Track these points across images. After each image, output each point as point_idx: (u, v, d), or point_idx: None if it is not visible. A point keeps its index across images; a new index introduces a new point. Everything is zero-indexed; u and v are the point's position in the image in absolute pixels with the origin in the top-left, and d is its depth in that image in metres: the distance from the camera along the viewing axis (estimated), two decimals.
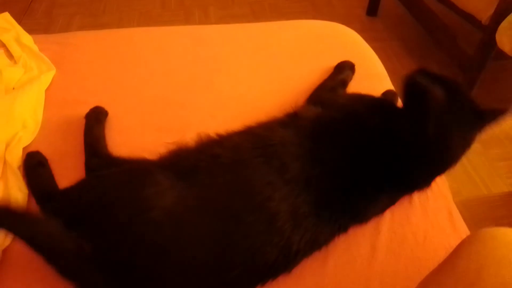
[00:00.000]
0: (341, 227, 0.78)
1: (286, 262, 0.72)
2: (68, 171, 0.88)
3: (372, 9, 2.52)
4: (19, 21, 1.25)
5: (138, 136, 0.98)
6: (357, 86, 1.09)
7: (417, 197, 0.90)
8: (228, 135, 0.85)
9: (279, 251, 0.70)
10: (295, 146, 0.78)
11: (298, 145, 0.78)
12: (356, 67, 1.15)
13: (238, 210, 0.71)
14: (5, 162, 0.87)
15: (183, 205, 0.71)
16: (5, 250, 0.77)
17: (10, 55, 1.12)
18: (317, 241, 0.75)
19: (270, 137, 0.80)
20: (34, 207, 0.82)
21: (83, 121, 0.97)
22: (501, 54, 1.58)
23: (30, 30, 1.26)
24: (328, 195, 0.76)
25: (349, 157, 0.79)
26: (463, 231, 0.86)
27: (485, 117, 0.81)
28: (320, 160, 0.77)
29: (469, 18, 1.76)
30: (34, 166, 0.88)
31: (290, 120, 0.86)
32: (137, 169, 0.80)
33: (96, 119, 0.97)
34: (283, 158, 0.76)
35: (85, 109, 0.99)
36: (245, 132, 0.85)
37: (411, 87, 0.79)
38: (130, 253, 0.68)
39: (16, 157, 0.89)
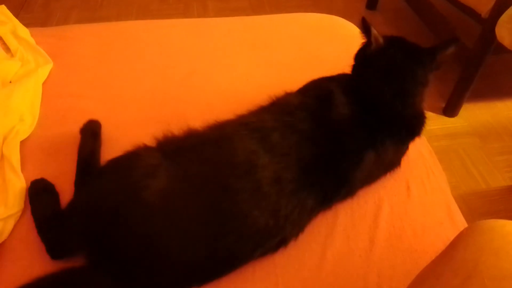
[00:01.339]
0: (328, 194, 0.80)
1: (277, 228, 0.74)
2: (64, 165, 0.88)
3: (372, 3, 2.51)
4: (16, 14, 1.24)
5: (135, 130, 0.97)
6: None
7: (416, 191, 0.90)
8: (214, 122, 0.87)
9: (268, 215, 0.72)
10: (272, 121, 0.82)
11: (274, 120, 0.82)
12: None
13: (225, 180, 0.73)
14: (2, 156, 0.87)
15: (173, 182, 0.72)
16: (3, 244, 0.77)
17: (6, 48, 1.11)
18: (304, 207, 0.77)
19: (250, 117, 0.85)
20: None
21: (80, 115, 0.96)
22: (501, 48, 1.57)
23: (27, 24, 1.25)
24: (309, 160, 0.78)
25: (324, 123, 0.82)
26: (461, 224, 0.87)
27: (433, 52, 0.87)
28: (297, 128, 0.80)
29: (468, 11, 1.75)
30: (39, 193, 0.84)
31: (270, 105, 0.90)
32: (124, 156, 0.80)
33: (91, 134, 0.94)
34: (263, 130, 0.79)
35: (82, 103, 0.99)
36: (230, 118, 0.87)
37: (362, 24, 0.88)
38: (126, 239, 0.69)
39: (13, 151, 0.89)
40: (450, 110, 1.86)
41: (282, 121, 0.81)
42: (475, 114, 1.89)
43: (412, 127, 0.90)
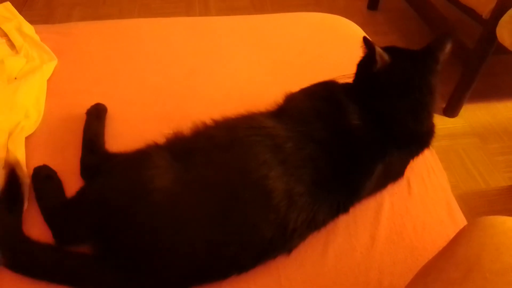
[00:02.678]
0: (340, 206, 0.80)
1: (283, 241, 0.73)
2: (68, 160, 0.89)
3: (373, 3, 2.52)
4: (19, 11, 1.25)
5: (139, 126, 0.98)
6: None
7: (417, 189, 0.91)
8: (223, 119, 0.86)
9: (275, 228, 0.71)
10: (286, 130, 0.80)
11: (288, 129, 0.80)
12: (357, 59, 1.15)
13: (234, 187, 0.72)
14: (8, 151, 0.88)
15: (181, 185, 0.72)
16: None
17: (11, 45, 1.12)
18: (314, 221, 0.76)
19: (262, 121, 0.83)
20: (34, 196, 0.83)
21: (85, 111, 0.97)
22: (501, 49, 1.58)
23: (30, 21, 1.25)
24: (322, 173, 0.77)
25: (337, 134, 0.81)
26: (461, 222, 0.87)
27: (435, 55, 0.86)
28: (311, 139, 0.79)
29: (470, 12, 1.76)
30: (43, 179, 0.85)
31: (279, 111, 0.88)
32: (134, 154, 0.81)
33: (97, 116, 0.97)
34: (276, 139, 0.78)
35: (87, 99, 1.00)
36: (239, 117, 0.87)
37: (365, 43, 0.86)
38: (133, 239, 0.69)
39: (19, 146, 0.89)
40: (450, 110, 1.87)
41: (296, 131, 0.80)
42: (475, 114, 1.90)
43: (422, 141, 0.89)
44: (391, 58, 0.84)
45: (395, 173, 0.90)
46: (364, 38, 0.85)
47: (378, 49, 0.83)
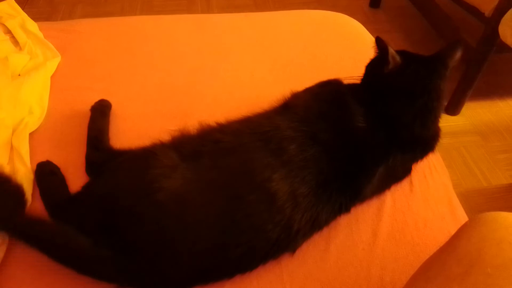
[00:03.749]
0: (343, 206, 0.80)
1: (288, 241, 0.74)
2: (72, 156, 0.90)
3: (375, 1, 2.52)
4: (21, 8, 1.25)
5: (142, 123, 0.99)
6: None
7: (418, 186, 0.91)
8: (228, 123, 0.87)
9: (280, 229, 0.72)
10: (290, 130, 0.80)
11: (292, 129, 0.81)
12: (359, 57, 1.15)
13: (239, 190, 0.73)
14: (12, 147, 0.88)
15: (188, 185, 0.73)
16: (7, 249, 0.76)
17: (15, 42, 1.12)
18: (317, 221, 0.77)
19: (266, 123, 0.83)
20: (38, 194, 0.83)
21: (88, 107, 0.98)
22: (504, 47, 1.58)
23: (32, 19, 1.26)
24: (326, 174, 0.77)
25: (342, 135, 0.81)
26: (463, 219, 0.88)
27: (445, 61, 0.86)
28: (315, 140, 0.79)
29: (472, 10, 1.76)
30: (46, 175, 0.85)
31: (283, 108, 0.89)
32: (140, 153, 0.81)
33: (101, 112, 0.97)
34: (280, 142, 0.78)
35: (90, 96, 1.00)
36: (243, 120, 0.87)
37: (378, 44, 0.87)
38: (138, 237, 0.70)
39: (22, 142, 0.90)
40: (452, 108, 1.87)
41: (300, 130, 0.80)
42: (477, 112, 1.91)
43: (427, 145, 0.90)
44: (402, 61, 0.84)
45: (398, 176, 0.90)
46: (377, 38, 0.85)
47: (391, 50, 0.83)
